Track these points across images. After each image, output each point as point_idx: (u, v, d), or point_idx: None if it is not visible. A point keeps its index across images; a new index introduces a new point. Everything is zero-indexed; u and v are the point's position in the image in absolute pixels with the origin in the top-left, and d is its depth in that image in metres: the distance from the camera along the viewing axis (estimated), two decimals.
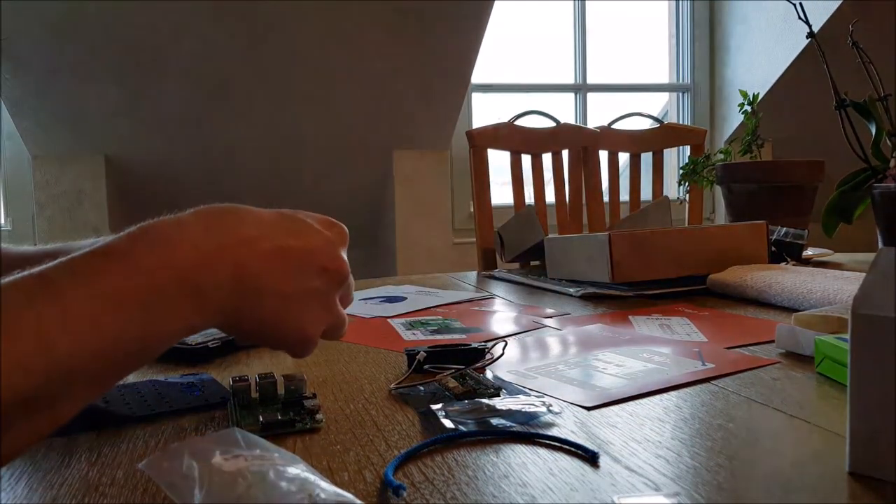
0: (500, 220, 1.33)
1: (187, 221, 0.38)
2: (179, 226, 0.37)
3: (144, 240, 0.35)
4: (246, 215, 0.40)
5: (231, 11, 2.08)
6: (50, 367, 0.30)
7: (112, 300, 0.32)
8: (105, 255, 0.34)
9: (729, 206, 1.30)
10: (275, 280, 0.39)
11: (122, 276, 0.33)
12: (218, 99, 2.29)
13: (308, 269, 0.41)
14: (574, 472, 0.34)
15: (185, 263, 0.36)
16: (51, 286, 0.31)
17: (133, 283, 0.33)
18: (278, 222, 0.41)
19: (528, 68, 2.98)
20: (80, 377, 0.31)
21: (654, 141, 1.78)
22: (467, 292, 0.99)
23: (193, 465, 0.28)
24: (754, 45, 2.87)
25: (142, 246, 0.35)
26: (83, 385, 0.32)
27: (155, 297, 0.34)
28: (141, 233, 0.36)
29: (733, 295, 0.85)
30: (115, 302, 0.32)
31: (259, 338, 0.42)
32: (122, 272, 0.33)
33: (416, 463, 0.36)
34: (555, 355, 0.59)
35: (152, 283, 0.34)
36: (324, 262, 0.41)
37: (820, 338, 0.51)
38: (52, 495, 0.34)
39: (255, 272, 0.38)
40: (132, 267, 0.34)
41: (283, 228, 0.41)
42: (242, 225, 0.39)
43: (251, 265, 0.38)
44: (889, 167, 1.01)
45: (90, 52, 2.09)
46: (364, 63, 2.30)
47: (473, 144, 1.59)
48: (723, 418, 0.41)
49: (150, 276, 0.34)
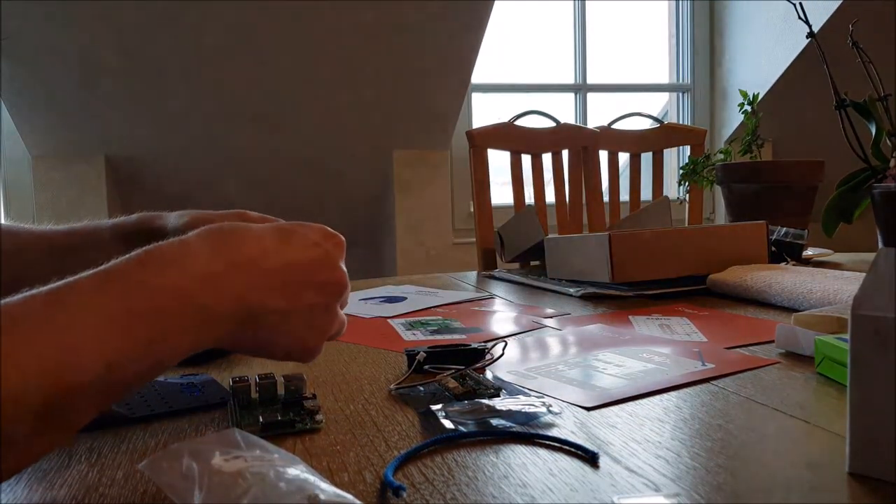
0: (500, 220, 1.33)
1: (192, 243, 0.39)
2: (184, 247, 0.38)
3: (151, 262, 0.36)
4: (247, 234, 0.41)
5: (231, 12, 2.08)
6: (60, 385, 0.30)
7: (119, 322, 0.33)
8: (112, 277, 0.35)
9: (729, 206, 1.30)
10: (277, 298, 0.40)
11: (129, 298, 0.34)
12: (218, 99, 2.29)
13: (309, 284, 0.42)
14: (574, 472, 0.34)
15: (192, 284, 0.36)
16: (59, 307, 0.32)
17: (140, 305, 0.34)
18: (278, 240, 0.42)
19: (528, 68, 2.97)
20: (89, 392, 0.32)
21: (654, 141, 1.78)
22: (467, 292, 0.99)
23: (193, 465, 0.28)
24: (754, 45, 2.87)
25: (149, 268, 0.36)
26: (93, 400, 0.33)
27: (162, 317, 0.35)
28: (147, 256, 0.37)
29: (733, 295, 0.85)
30: (122, 324, 0.33)
31: (264, 352, 0.43)
32: (129, 294, 0.34)
33: (416, 463, 0.36)
34: (555, 355, 0.59)
35: (159, 304, 0.35)
36: (324, 277, 0.42)
37: (820, 338, 0.51)
38: (52, 495, 0.34)
39: (258, 292, 0.39)
40: (139, 288, 0.35)
41: (283, 246, 0.42)
42: (245, 245, 0.40)
43: (255, 284, 0.39)
44: (889, 167, 1.01)
45: (90, 52, 2.09)
46: (364, 63, 2.30)
47: (473, 144, 1.59)
48: (723, 418, 0.41)
49: (156, 297, 0.35)
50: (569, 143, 1.69)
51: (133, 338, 0.33)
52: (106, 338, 0.32)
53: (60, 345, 0.31)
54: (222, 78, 2.25)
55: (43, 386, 0.30)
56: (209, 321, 0.37)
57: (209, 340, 0.38)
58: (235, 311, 0.38)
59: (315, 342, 0.43)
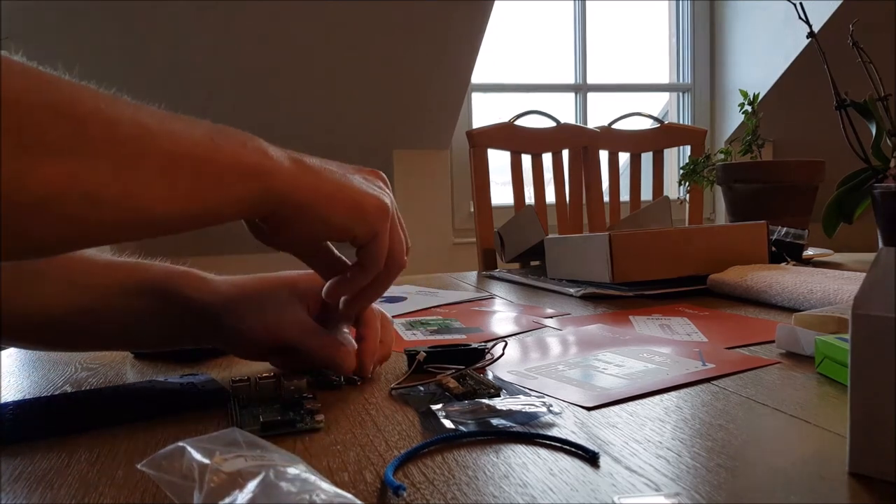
0: (500, 220, 1.33)
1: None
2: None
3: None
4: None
5: (231, 12, 2.08)
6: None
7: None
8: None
9: (729, 206, 1.30)
10: (331, 166, 0.43)
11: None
12: (218, 99, 2.29)
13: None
14: (574, 472, 0.34)
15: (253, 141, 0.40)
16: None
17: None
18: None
19: (528, 68, 2.98)
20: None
21: (654, 141, 1.78)
22: (467, 292, 0.99)
23: (193, 465, 0.28)
24: (754, 45, 2.87)
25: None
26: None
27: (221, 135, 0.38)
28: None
29: (733, 295, 0.85)
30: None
31: (321, 205, 0.42)
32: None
33: (416, 463, 0.36)
34: (555, 355, 0.59)
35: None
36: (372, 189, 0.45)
37: (820, 338, 0.51)
38: (52, 495, 0.34)
39: (313, 162, 0.42)
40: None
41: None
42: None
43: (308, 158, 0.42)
44: (889, 167, 1.01)
45: (90, 52, 2.09)
46: (364, 63, 2.30)
47: (473, 144, 1.59)
48: (723, 418, 0.41)
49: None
50: (569, 143, 1.70)
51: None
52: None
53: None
54: (222, 78, 2.25)
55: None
56: (269, 153, 0.40)
57: (273, 163, 0.39)
58: (293, 158, 0.41)
59: (373, 195, 0.44)
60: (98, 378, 0.55)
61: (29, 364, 0.61)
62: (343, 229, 0.43)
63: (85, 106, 0.33)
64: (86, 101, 0.33)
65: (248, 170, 0.38)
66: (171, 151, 0.35)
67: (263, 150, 0.40)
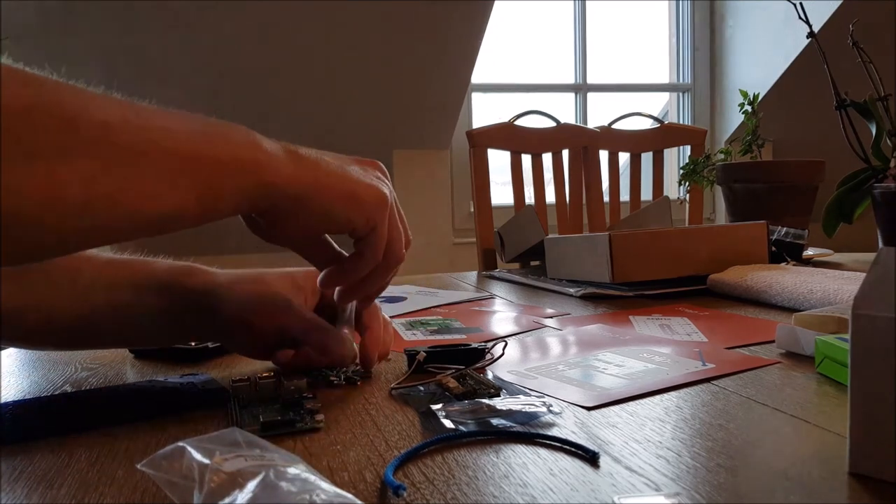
0: (500, 220, 1.33)
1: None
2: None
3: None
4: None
5: (231, 12, 2.08)
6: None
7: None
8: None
9: (729, 206, 1.30)
10: (328, 157, 0.44)
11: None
12: (218, 99, 2.29)
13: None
14: (574, 472, 0.34)
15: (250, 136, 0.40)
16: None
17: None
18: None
19: (528, 68, 2.98)
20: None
21: (654, 141, 1.78)
22: (467, 292, 0.99)
23: (193, 465, 0.28)
24: (754, 45, 2.87)
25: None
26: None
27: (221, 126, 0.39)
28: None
29: (733, 295, 0.85)
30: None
31: (318, 197, 0.42)
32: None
33: (416, 463, 0.36)
34: (555, 355, 0.59)
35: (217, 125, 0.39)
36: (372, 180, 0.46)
37: (820, 338, 0.51)
38: (52, 495, 0.34)
39: (309, 153, 0.43)
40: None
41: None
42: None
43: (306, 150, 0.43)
44: (889, 167, 1.01)
45: (90, 52, 2.09)
46: (364, 63, 2.30)
47: (473, 144, 1.59)
48: (723, 418, 0.41)
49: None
50: (569, 143, 1.70)
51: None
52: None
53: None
54: (222, 77, 2.25)
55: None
56: (265, 145, 0.40)
57: (268, 155, 0.40)
58: (289, 151, 0.41)
59: (375, 185, 0.44)
60: (98, 378, 0.55)
61: (29, 364, 0.61)
62: (341, 221, 0.43)
63: (73, 107, 0.32)
64: (74, 101, 0.33)
65: (243, 164, 0.38)
66: (164, 149, 0.35)
67: (258, 143, 0.39)
